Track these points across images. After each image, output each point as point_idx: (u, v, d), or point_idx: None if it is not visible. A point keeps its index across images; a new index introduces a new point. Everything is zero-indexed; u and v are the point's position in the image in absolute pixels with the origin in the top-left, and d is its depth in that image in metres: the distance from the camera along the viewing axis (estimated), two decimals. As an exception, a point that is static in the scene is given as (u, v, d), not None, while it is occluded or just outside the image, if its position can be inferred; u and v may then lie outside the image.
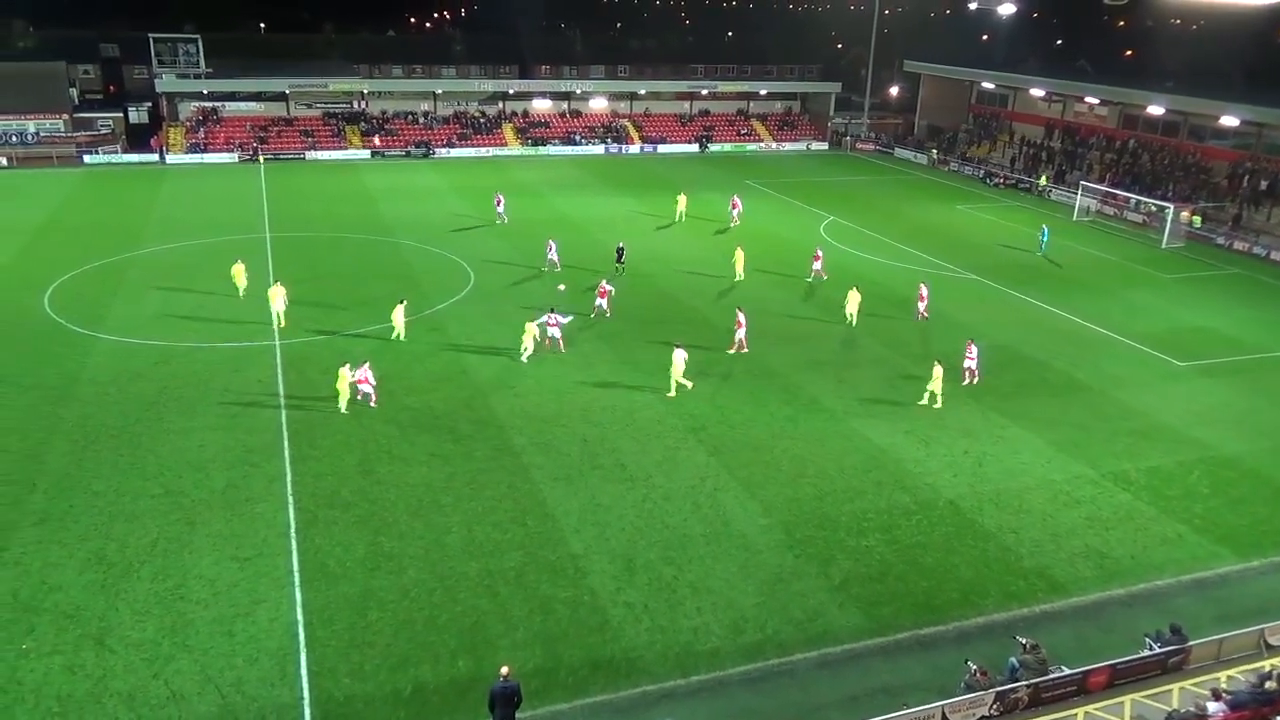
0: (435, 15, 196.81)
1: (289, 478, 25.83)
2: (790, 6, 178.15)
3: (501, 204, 56.51)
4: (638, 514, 24.52)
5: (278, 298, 36.82)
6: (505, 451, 27.67)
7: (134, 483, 25.30)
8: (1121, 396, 32.96)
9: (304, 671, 18.64)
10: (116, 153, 75.81)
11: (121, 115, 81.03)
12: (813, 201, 65.24)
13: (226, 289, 40.53)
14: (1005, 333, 39.06)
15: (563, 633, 19.97)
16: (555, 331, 34.94)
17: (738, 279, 44.61)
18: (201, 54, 79.85)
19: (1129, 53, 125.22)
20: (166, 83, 78.47)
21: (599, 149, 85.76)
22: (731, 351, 35.46)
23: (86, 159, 73.96)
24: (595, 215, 58.62)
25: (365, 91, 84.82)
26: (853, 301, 38.66)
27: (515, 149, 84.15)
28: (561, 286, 37.49)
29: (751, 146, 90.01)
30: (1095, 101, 75.36)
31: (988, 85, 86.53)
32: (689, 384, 31.84)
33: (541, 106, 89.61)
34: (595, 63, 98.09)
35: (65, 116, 77.01)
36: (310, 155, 78.47)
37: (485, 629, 20.02)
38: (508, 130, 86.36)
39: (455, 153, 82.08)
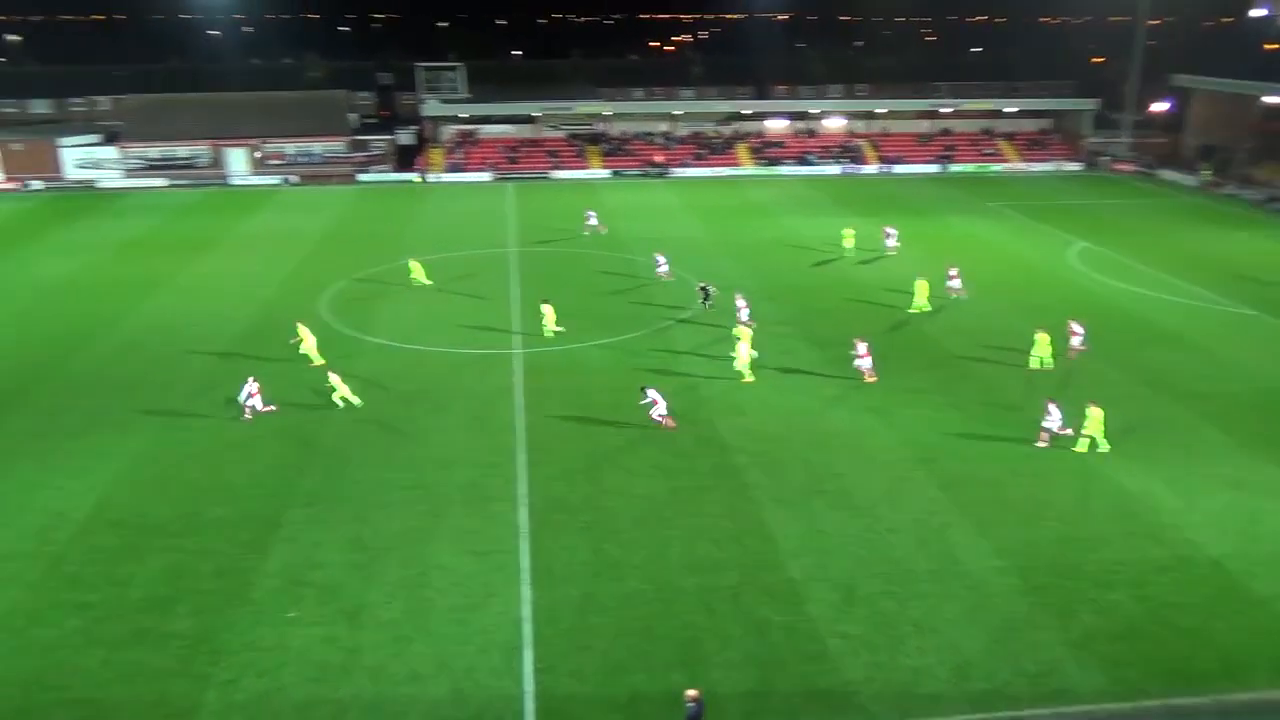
0: (676, 39, 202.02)
1: (523, 480, 27.25)
2: (1043, 20, 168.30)
3: (594, 219, 58.70)
4: (860, 544, 23.93)
5: (308, 337, 36.71)
6: (727, 470, 27.84)
7: (389, 474, 27.59)
8: None
9: (528, 667, 19.56)
10: (386, 172, 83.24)
11: (391, 138, 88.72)
12: (1062, 225, 61.23)
13: (476, 299, 43.38)
14: (1287, 376, 34.94)
15: (778, 658, 19.80)
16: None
17: (921, 309, 42.53)
18: (463, 81, 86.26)
19: None
20: (431, 107, 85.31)
21: (834, 169, 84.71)
22: (864, 380, 34.17)
23: (360, 177, 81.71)
24: (824, 236, 57.63)
25: (607, 113, 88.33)
26: (1043, 345, 35.38)
27: (749, 169, 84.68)
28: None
29: (996, 167, 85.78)
30: None
31: (1274, 99, 77.83)
32: (748, 375, 34.09)
33: (776, 126, 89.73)
34: (832, 81, 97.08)
35: (345, 139, 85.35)
36: (554, 174, 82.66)
37: (700, 645, 20.19)
38: (742, 150, 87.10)
39: (690, 172, 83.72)
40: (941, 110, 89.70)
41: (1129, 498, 26.08)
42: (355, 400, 32.15)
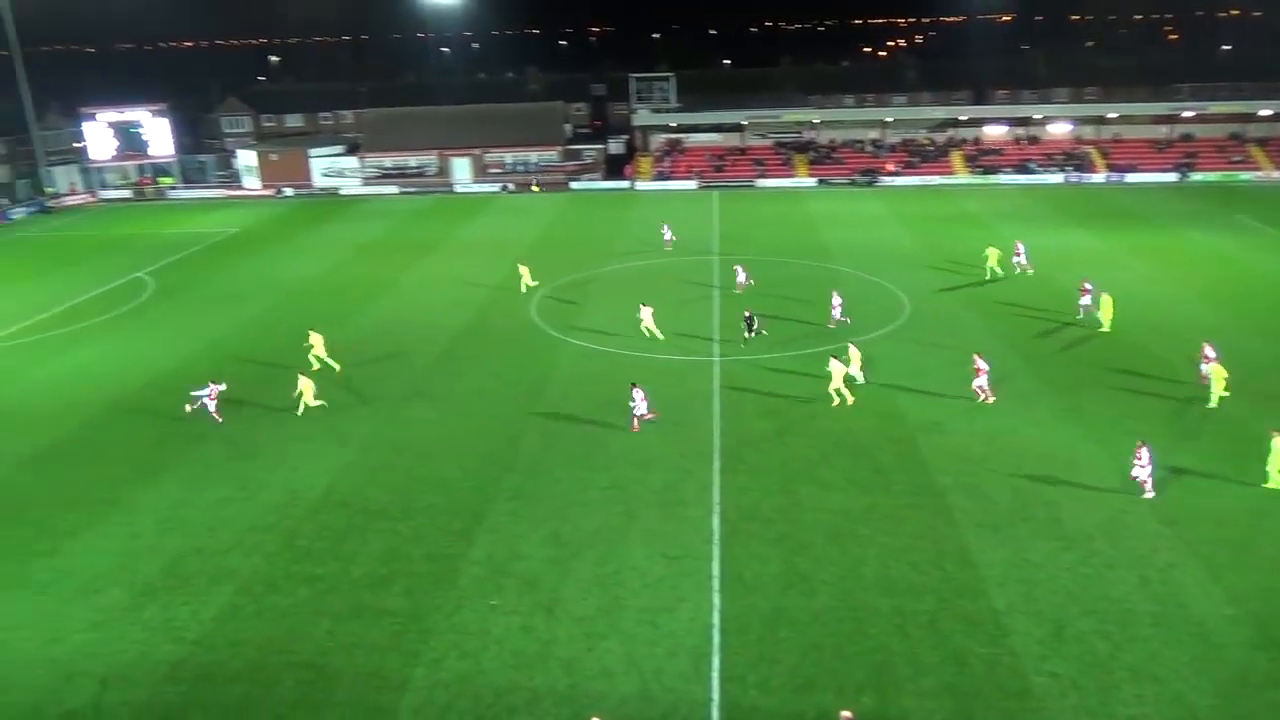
0: (890, 43, 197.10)
1: (716, 487, 27.42)
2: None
3: (669, 233, 58.46)
4: (1072, 578, 22.46)
5: (318, 345, 37.91)
6: (927, 490, 26.87)
7: (586, 474, 28.50)
8: None
9: (715, 674, 19.66)
10: (596, 180, 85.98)
11: (603, 147, 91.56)
12: (1325, 241, 54.98)
13: (677, 306, 44.01)
14: None
15: (976, 690, 18.92)
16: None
17: (1102, 329, 39.61)
18: (673, 91, 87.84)
19: None
20: (641, 117, 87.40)
21: (1057, 178, 79.86)
22: (982, 400, 32.21)
23: (572, 185, 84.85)
24: (1042, 247, 54.35)
25: (816, 121, 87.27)
26: (1219, 378, 31.77)
27: (962, 178, 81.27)
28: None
29: (1245, 175, 78.06)
30: None
31: None
32: (836, 396, 32.57)
33: (994, 133, 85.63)
34: (1058, 85, 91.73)
35: (559, 148, 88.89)
36: (760, 183, 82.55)
37: (893, 669, 19.62)
38: (955, 158, 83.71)
39: (900, 181, 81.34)
40: (1183, 114, 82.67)
41: (1397, 550, 23.10)
42: (313, 403, 33.50)
